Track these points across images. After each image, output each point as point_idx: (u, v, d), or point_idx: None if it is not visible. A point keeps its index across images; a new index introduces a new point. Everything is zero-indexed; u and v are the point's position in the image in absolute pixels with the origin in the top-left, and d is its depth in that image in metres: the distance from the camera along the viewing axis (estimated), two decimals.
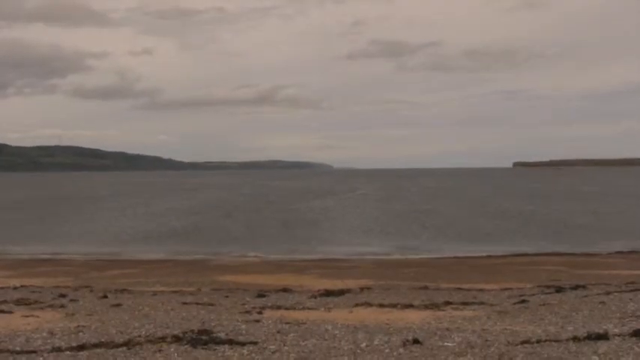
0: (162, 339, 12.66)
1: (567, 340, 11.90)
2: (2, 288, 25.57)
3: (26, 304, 18.86)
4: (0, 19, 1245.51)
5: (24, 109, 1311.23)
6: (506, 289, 23.93)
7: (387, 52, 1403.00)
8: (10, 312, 17.09)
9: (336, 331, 13.38)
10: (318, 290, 23.13)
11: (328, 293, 21.66)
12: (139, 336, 13.06)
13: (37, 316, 16.32)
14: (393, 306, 17.88)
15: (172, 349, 11.86)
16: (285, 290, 23.70)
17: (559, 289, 21.67)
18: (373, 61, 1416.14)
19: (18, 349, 12.22)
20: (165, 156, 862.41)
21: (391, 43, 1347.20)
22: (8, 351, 12.05)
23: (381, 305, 18.04)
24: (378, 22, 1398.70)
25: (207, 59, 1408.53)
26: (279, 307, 18.08)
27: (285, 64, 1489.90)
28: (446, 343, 12.05)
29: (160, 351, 11.75)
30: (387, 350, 11.58)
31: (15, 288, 25.27)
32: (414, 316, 15.93)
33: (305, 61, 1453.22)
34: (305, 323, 14.49)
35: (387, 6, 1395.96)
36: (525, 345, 11.59)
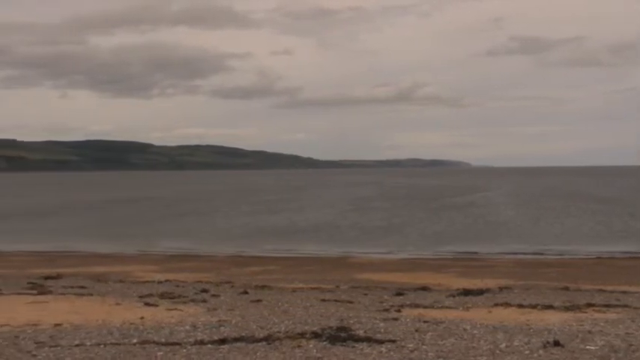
0: (302, 335, 12.81)
1: None
2: (148, 282, 26.43)
3: (170, 298, 19.39)
4: (146, 23, 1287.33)
5: (167, 110, 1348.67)
6: None
7: (527, 48, 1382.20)
8: (156, 305, 17.62)
9: (475, 331, 13.28)
10: (457, 289, 22.96)
11: (467, 292, 21.48)
12: (279, 331, 13.25)
13: (181, 310, 16.77)
14: (533, 307, 17.59)
15: (311, 345, 12.00)
16: (423, 289, 23.61)
17: None
18: (513, 57, 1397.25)
19: (163, 340, 12.61)
20: (304, 154, 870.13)
21: (531, 38, 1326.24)
22: (154, 342, 12.46)
23: (521, 306, 17.78)
24: (518, 17, 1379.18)
25: (345, 58, 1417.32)
26: (417, 306, 18.04)
27: (424, 61, 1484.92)
28: (588, 347, 11.81)
29: (299, 347, 11.90)
30: (526, 352, 11.43)
31: (160, 282, 26.04)
32: (554, 318, 15.63)
33: (444, 58, 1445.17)
34: (443, 322, 14.42)
35: (526, 1, 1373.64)
36: None
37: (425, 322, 14.50)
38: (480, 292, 21.72)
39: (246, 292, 21.96)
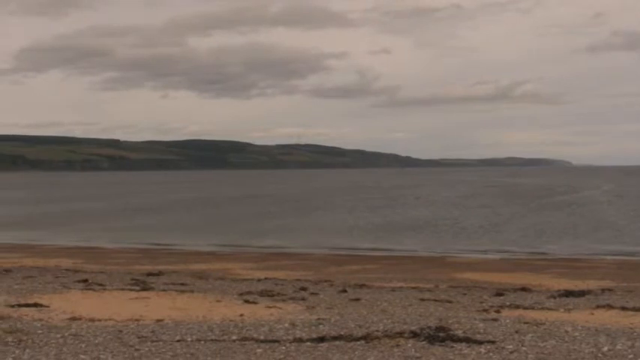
0: (400, 334, 12.78)
1: None
2: (248, 280, 26.75)
3: (269, 296, 19.56)
4: (245, 25, 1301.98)
5: (266, 110, 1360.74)
6: None
7: (630, 44, 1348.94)
8: (255, 302, 17.80)
9: (577, 333, 13.06)
10: (558, 290, 22.60)
11: (568, 294, 21.12)
12: (377, 330, 13.25)
13: (280, 308, 16.89)
14: (637, 310, 17.17)
15: (410, 345, 11.96)
16: (523, 289, 23.33)
17: None
18: (615, 53, 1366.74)
19: (262, 337, 12.73)
20: (403, 153, 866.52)
21: (634, 34, 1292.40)
22: (253, 339, 12.58)
23: (624, 308, 17.39)
24: (621, 13, 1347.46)
25: (444, 56, 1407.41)
26: (517, 307, 17.82)
27: (524, 58, 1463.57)
28: None
29: (397, 346, 11.87)
30: (630, 356, 11.19)
31: (259, 280, 26.33)
32: None
33: (544, 55, 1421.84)
34: (544, 324, 14.22)
35: None
36: None
37: (525, 323, 14.32)
38: (581, 293, 21.34)
39: (344, 291, 22.04)
